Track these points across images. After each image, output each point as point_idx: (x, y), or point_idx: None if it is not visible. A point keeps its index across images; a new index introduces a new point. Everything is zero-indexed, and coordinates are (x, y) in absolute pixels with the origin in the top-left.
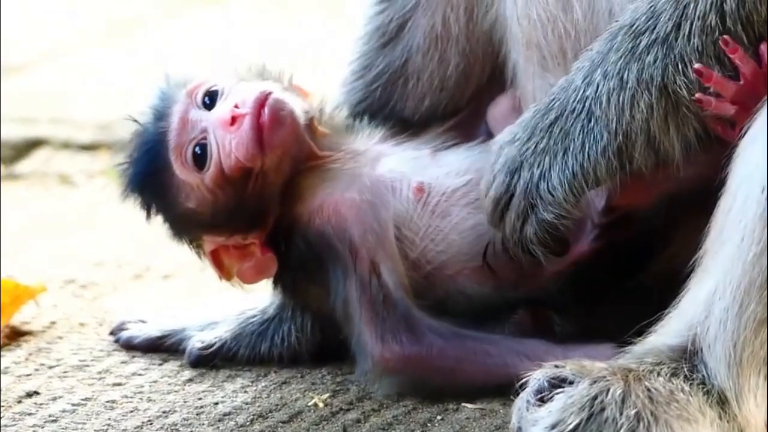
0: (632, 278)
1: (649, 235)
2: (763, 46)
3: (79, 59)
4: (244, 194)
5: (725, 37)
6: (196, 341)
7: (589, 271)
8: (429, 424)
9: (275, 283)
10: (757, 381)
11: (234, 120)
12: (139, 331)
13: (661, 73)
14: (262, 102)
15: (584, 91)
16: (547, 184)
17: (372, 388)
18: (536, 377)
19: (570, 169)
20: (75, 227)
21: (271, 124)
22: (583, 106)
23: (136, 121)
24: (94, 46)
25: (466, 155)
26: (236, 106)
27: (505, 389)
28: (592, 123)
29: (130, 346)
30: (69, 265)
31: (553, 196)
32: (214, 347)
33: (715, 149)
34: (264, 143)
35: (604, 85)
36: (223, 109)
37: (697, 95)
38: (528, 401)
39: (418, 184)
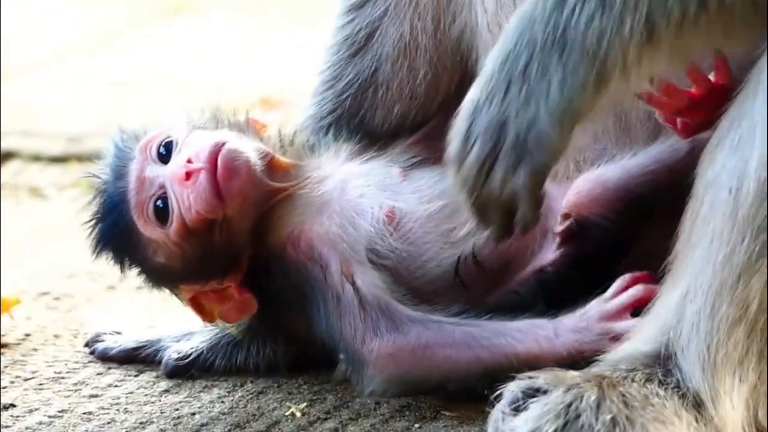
0: (600, 284)
1: (614, 242)
2: (718, 60)
3: (49, 73)
4: (211, 244)
5: None
6: (172, 352)
7: (557, 278)
8: None
9: (260, 318)
10: (732, 382)
11: (189, 175)
12: (114, 343)
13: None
14: (215, 154)
15: (554, 19)
16: (538, 129)
17: (365, 391)
18: (510, 389)
19: (558, 108)
20: (47, 239)
21: (226, 175)
22: (555, 37)
23: (96, 176)
24: (64, 60)
25: (437, 178)
26: (190, 161)
27: (487, 387)
28: (567, 53)
29: (106, 358)
30: (42, 277)
31: (546, 139)
32: (191, 358)
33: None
34: (222, 195)
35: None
36: (177, 163)
37: (640, 91)
38: (503, 412)
39: (389, 209)
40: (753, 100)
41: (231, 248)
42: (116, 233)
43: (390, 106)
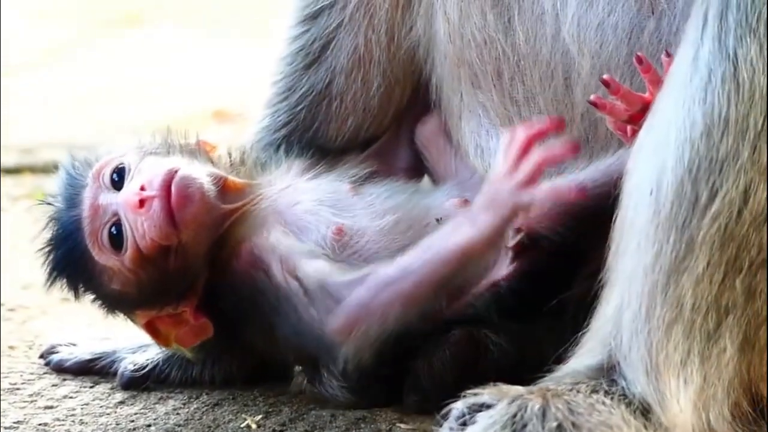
0: (556, 297)
1: (566, 255)
2: (664, 57)
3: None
4: (166, 270)
5: (639, 54)
6: (127, 363)
7: (510, 292)
8: None
9: (216, 338)
10: (677, 384)
11: (143, 203)
12: (69, 354)
13: None
14: (168, 181)
15: None
16: None
17: (348, 369)
18: (456, 407)
19: None
20: (1, 251)
21: (180, 202)
22: None
23: (50, 204)
24: (16, 73)
25: (388, 194)
26: (143, 188)
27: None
28: None
29: (61, 369)
30: None
31: None
32: (146, 369)
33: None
34: (176, 222)
35: None
36: (130, 191)
37: (593, 97)
38: (451, 428)
39: (337, 226)
40: (666, 99)
41: (186, 273)
42: (70, 262)
43: (344, 118)
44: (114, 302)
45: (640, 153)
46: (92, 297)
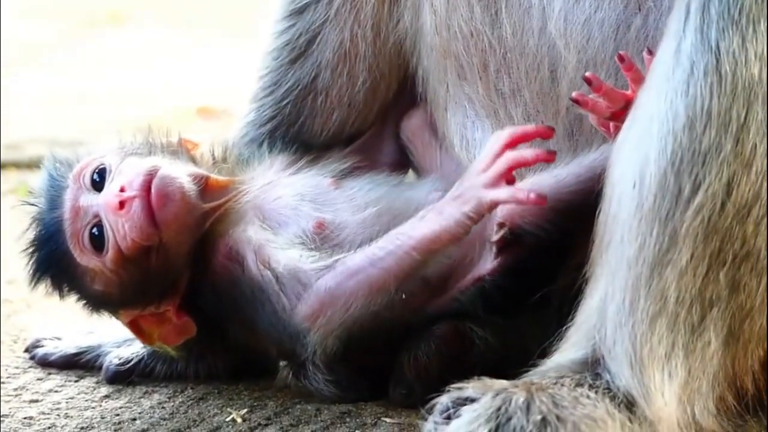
0: (540, 291)
1: (549, 251)
2: (645, 54)
3: None
4: (148, 270)
5: (621, 53)
6: (113, 357)
7: (495, 287)
8: None
9: (200, 336)
10: (661, 378)
11: (123, 204)
12: (54, 348)
13: None
14: (149, 181)
15: None
16: None
17: (317, 354)
18: (441, 401)
19: None
20: None
21: (161, 202)
22: None
23: (32, 204)
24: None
25: (370, 187)
26: (123, 189)
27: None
28: None
29: (46, 363)
30: None
31: None
32: (131, 363)
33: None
34: (157, 222)
35: None
36: (111, 192)
37: (575, 94)
38: (435, 422)
39: (318, 221)
40: (649, 92)
41: (168, 273)
42: (53, 263)
43: (329, 113)
44: (97, 302)
45: (623, 146)
46: (76, 297)
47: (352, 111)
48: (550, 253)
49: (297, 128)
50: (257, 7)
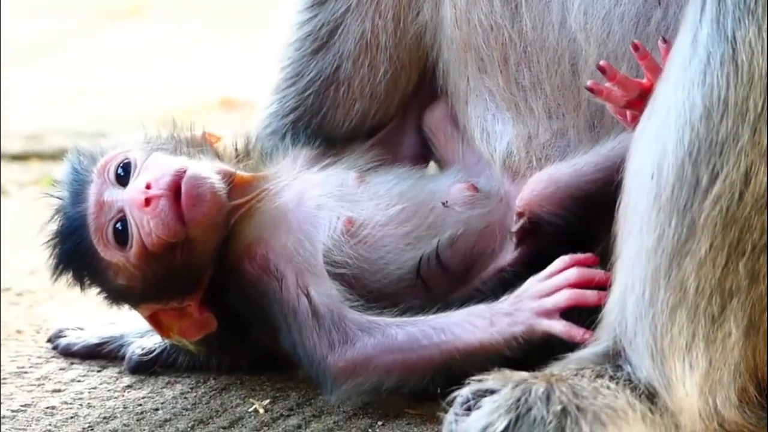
0: None
1: (569, 240)
2: (660, 43)
3: (6, 73)
4: (172, 266)
5: (636, 42)
6: (135, 348)
7: (516, 277)
8: (370, 430)
9: (222, 330)
10: (682, 369)
11: (149, 201)
12: (77, 339)
13: None
14: (177, 182)
15: None
16: None
17: (331, 401)
18: (461, 393)
19: None
20: (8, 237)
21: (191, 202)
22: None
23: (55, 197)
24: (21, 62)
25: (394, 182)
26: (149, 186)
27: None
28: None
29: (69, 353)
30: (4, 273)
31: None
32: (154, 353)
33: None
34: (185, 220)
35: None
36: (136, 188)
37: (590, 83)
38: (456, 414)
39: (347, 218)
40: (666, 83)
41: (192, 269)
42: (76, 257)
43: (351, 103)
44: (119, 296)
45: (641, 137)
46: (98, 290)
47: (374, 102)
48: (569, 243)
49: (319, 119)
50: None
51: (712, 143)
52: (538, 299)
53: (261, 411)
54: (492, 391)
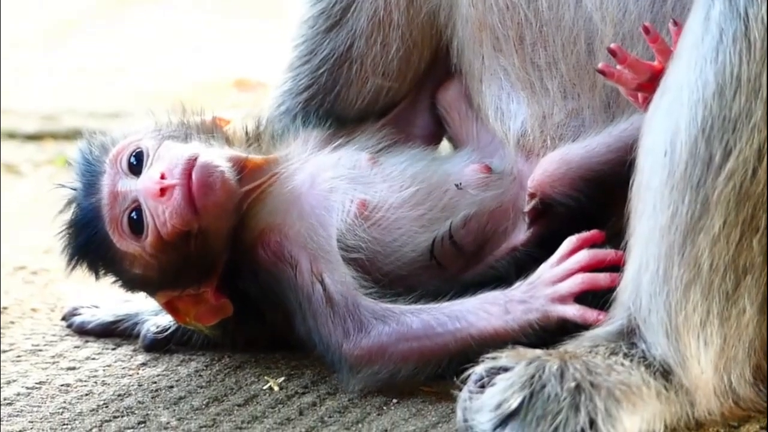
0: None
1: (581, 220)
2: (671, 25)
3: (22, 54)
4: (187, 254)
5: (646, 24)
6: (150, 325)
7: (529, 257)
8: (385, 407)
9: (237, 315)
10: (697, 345)
11: (163, 191)
12: (92, 317)
13: None
14: (189, 170)
15: None
16: None
17: (347, 389)
18: (475, 371)
19: None
20: (23, 216)
21: (202, 190)
22: None
23: (68, 188)
24: (37, 43)
25: (408, 163)
26: (163, 176)
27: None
28: None
29: (83, 331)
30: (19, 252)
31: None
32: (169, 331)
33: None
34: (198, 208)
35: None
36: (150, 178)
37: (601, 65)
38: (470, 392)
39: (360, 200)
40: (679, 61)
41: (207, 256)
42: (92, 248)
43: (364, 81)
44: (135, 285)
45: (654, 115)
46: (113, 280)
47: (387, 80)
48: (581, 223)
49: (333, 97)
50: None
51: (725, 120)
52: (551, 285)
53: (276, 389)
54: (506, 369)
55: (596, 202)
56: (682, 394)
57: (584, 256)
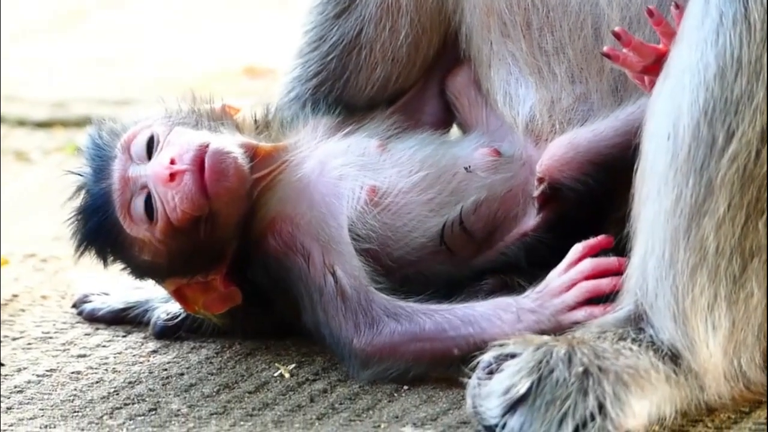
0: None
1: (589, 204)
2: (673, 8)
3: (29, 46)
4: (197, 240)
5: (650, 8)
6: (161, 313)
7: (539, 242)
8: (396, 394)
9: (246, 303)
10: (705, 329)
11: (173, 177)
12: (102, 304)
13: None
14: (201, 156)
15: None
16: None
17: (357, 380)
18: (483, 358)
19: None
20: (33, 203)
21: (215, 176)
22: None
23: (78, 174)
24: (47, 30)
25: (416, 148)
26: (173, 161)
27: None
28: None
29: (94, 318)
30: (29, 239)
31: None
32: (179, 319)
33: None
34: (209, 194)
35: None
36: (160, 163)
37: (606, 48)
38: (479, 378)
39: (370, 187)
40: (680, 45)
41: (216, 243)
42: (101, 234)
43: (373, 67)
44: (144, 271)
45: (657, 99)
46: (122, 266)
47: (396, 66)
48: (590, 207)
49: (342, 83)
50: None
51: (727, 102)
52: (559, 296)
53: (286, 375)
54: (513, 355)
55: (605, 186)
56: (691, 378)
57: (587, 266)
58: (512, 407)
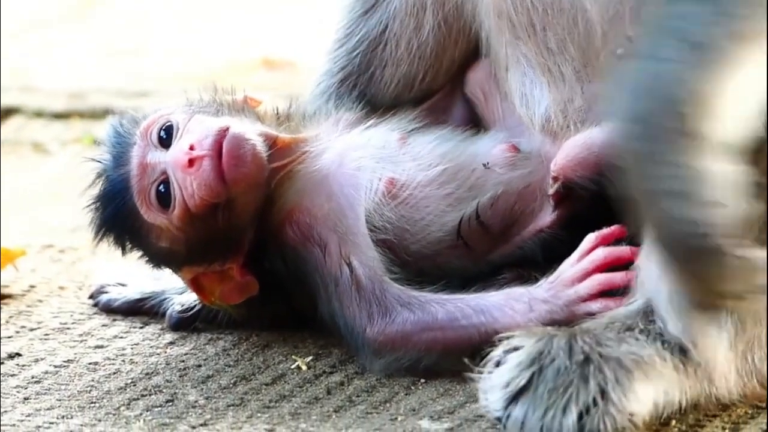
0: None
1: (604, 203)
2: None
3: (48, 32)
4: (215, 227)
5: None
6: (176, 304)
7: (554, 239)
8: (413, 387)
9: (263, 295)
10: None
11: (192, 162)
12: (118, 294)
13: None
14: (219, 141)
15: None
16: None
17: (370, 371)
18: (493, 354)
19: None
20: (50, 194)
21: (233, 162)
22: None
23: (97, 160)
24: (63, 20)
25: (436, 143)
26: (192, 147)
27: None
28: None
29: (110, 309)
30: (46, 230)
31: None
32: (195, 310)
33: None
34: (227, 180)
35: None
36: (179, 149)
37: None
38: (489, 372)
39: (388, 179)
40: None
41: (233, 231)
42: (119, 220)
43: (398, 64)
44: (161, 259)
45: None
46: (139, 254)
47: (422, 64)
48: (605, 205)
49: (366, 78)
50: None
51: None
52: (571, 286)
53: (304, 368)
54: (517, 348)
55: (618, 185)
56: (701, 372)
57: (599, 255)
58: (514, 398)
